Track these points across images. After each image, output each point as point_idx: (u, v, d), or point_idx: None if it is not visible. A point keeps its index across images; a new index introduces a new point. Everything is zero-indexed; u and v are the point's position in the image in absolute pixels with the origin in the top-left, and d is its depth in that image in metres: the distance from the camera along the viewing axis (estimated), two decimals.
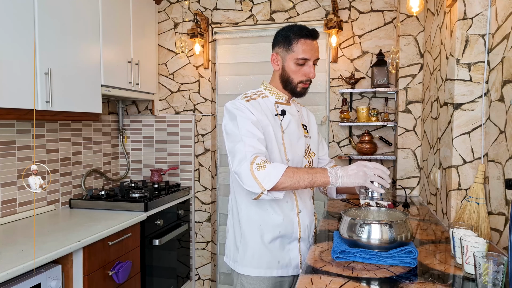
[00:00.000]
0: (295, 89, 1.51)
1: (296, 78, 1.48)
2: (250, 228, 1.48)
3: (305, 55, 1.45)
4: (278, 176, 1.29)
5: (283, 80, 1.51)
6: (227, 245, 1.60)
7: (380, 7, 2.76)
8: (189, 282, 3.12)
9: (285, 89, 1.53)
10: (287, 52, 1.47)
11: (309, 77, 1.48)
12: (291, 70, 1.48)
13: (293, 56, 1.46)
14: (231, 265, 1.56)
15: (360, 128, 2.82)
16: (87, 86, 2.29)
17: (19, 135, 2.24)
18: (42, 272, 1.63)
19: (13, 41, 1.81)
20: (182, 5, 3.12)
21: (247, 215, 1.48)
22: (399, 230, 1.24)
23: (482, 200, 1.51)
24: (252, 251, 1.47)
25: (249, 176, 1.30)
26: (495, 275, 0.95)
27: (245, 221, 1.49)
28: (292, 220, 1.48)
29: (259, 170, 1.29)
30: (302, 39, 1.45)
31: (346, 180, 1.31)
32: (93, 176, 2.89)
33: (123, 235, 2.15)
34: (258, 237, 1.46)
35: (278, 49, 1.50)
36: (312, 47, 1.46)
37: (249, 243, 1.48)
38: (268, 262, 1.46)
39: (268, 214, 1.46)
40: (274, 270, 1.47)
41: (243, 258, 1.49)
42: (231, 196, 1.58)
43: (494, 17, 1.50)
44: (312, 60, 1.47)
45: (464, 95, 1.62)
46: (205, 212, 3.15)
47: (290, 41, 1.46)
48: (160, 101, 3.22)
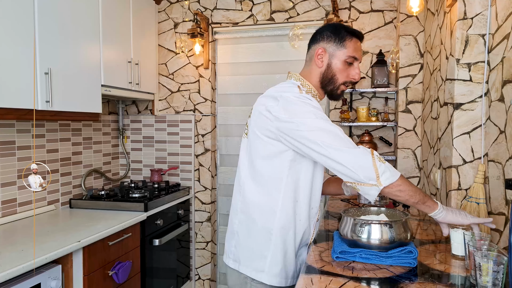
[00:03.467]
0: (335, 91, 1.42)
1: (341, 78, 1.40)
2: (283, 236, 1.36)
3: (356, 54, 1.39)
4: (396, 175, 1.21)
5: (326, 79, 1.41)
6: (243, 253, 1.42)
7: (380, 7, 2.76)
8: (189, 282, 3.12)
9: (322, 88, 1.43)
10: (338, 48, 1.38)
11: (354, 78, 1.41)
12: (338, 68, 1.39)
13: (345, 53, 1.38)
14: (249, 274, 1.39)
15: (360, 128, 2.82)
16: (87, 86, 2.29)
17: (19, 135, 2.24)
18: (42, 272, 1.63)
19: (13, 41, 1.81)
20: (182, 5, 3.12)
21: (280, 221, 1.35)
22: (399, 230, 1.24)
23: (482, 200, 1.51)
24: (283, 261, 1.37)
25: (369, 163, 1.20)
26: (495, 275, 0.95)
27: (279, 228, 1.35)
28: (311, 226, 1.44)
29: (380, 162, 1.21)
30: (355, 37, 1.40)
31: (449, 217, 1.27)
32: (93, 176, 2.89)
33: (123, 235, 2.15)
34: (289, 246, 1.38)
35: (326, 45, 1.39)
36: (360, 48, 1.42)
37: (280, 252, 1.36)
38: (293, 270, 1.41)
39: (298, 220, 1.39)
40: (295, 278, 1.41)
41: (274, 267, 1.36)
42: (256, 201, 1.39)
43: (494, 17, 1.50)
44: (359, 61, 1.42)
45: (464, 95, 1.62)
46: (205, 212, 3.15)
47: (343, 37, 1.38)
48: (160, 101, 3.22)
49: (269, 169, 1.35)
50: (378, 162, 1.21)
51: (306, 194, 1.38)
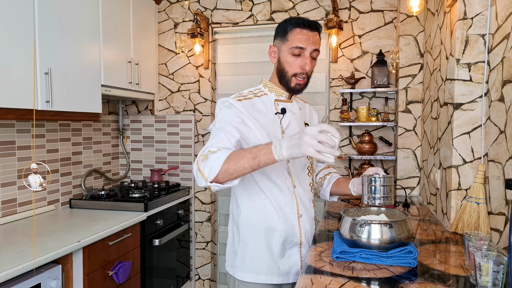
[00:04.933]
0: (289, 83, 1.42)
1: (290, 70, 1.39)
2: (250, 231, 1.43)
3: (300, 43, 1.36)
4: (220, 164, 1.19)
5: (279, 73, 1.43)
6: (227, 250, 1.54)
7: (380, 7, 2.76)
8: (189, 282, 3.12)
9: (281, 83, 1.46)
10: (283, 42, 1.41)
11: (304, 69, 1.38)
12: (286, 61, 1.40)
13: (288, 45, 1.38)
14: (229, 270, 1.50)
15: (360, 128, 2.82)
16: (87, 86, 2.29)
17: (19, 135, 2.24)
18: (42, 272, 1.63)
19: (13, 41, 1.81)
20: (182, 5, 3.12)
21: (247, 218, 1.43)
22: (399, 230, 1.24)
23: (482, 200, 1.51)
24: (251, 256, 1.42)
25: (195, 170, 1.25)
26: (495, 275, 0.95)
27: (244, 224, 1.43)
28: (293, 224, 1.43)
29: (203, 161, 1.22)
30: (298, 28, 1.38)
31: (290, 151, 1.13)
32: (93, 176, 2.89)
33: (123, 235, 2.15)
34: (258, 241, 1.42)
35: (276, 41, 1.45)
36: (308, 37, 1.38)
37: (248, 247, 1.42)
38: (268, 268, 1.41)
39: (270, 217, 1.41)
40: (274, 277, 1.41)
41: (242, 262, 1.43)
42: (232, 199, 1.53)
43: (494, 17, 1.50)
44: (308, 50, 1.37)
45: (464, 95, 1.62)
46: (205, 212, 3.15)
47: (286, 30, 1.40)
48: (160, 101, 3.22)
49: None
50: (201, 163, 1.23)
51: (271, 189, 1.42)
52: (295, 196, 1.44)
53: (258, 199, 1.42)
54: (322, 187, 1.64)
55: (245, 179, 1.42)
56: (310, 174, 1.54)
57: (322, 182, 1.64)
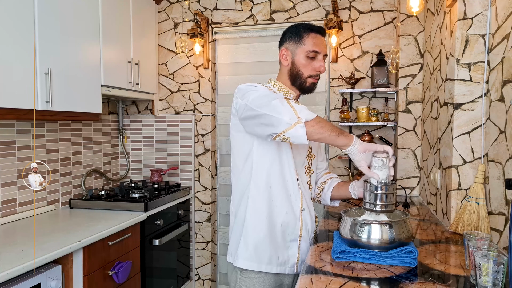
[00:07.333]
0: (304, 84, 1.50)
1: (306, 72, 1.49)
2: (255, 219, 1.45)
3: (316, 48, 1.47)
4: (313, 114, 1.24)
5: (292, 75, 1.51)
6: (230, 244, 1.56)
7: (380, 7, 2.76)
8: (189, 282, 3.12)
9: (293, 85, 1.52)
10: (297, 45, 1.49)
11: (319, 71, 1.49)
12: (301, 64, 1.48)
13: (304, 49, 1.47)
14: (231, 261, 1.51)
15: (360, 128, 2.82)
16: (87, 86, 2.29)
17: (19, 135, 2.24)
18: (42, 272, 1.63)
19: (13, 41, 1.81)
20: (182, 5, 3.12)
21: (253, 207, 1.45)
22: (399, 230, 1.24)
23: (482, 200, 1.51)
24: (254, 244, 1.44)
25: (283, 104, 1.24)
26: (495, 275, 0.95)
27: (251, 213, 1.45)
28: (296, 215, 1.47)
29: (295, 103, 1.27)
30: (313, 33, 1.48)
31: (361, 147, 1.26)
32: (93, 176, 2.89)
33: (123, 235, 2.15)
34: (262, 229, 1.44)
35: (288, 44, 1.51)
36: (321, 42, 1.49)
37: (251, 236, 1.45)
38: (269, 257, 1.44)
39: (275, 205, 1.45)
40: (274, 266, 1.45)
41: (245, 251, 1.45)
42: (235, 192, 1.54)
43: (494, 17, 1.50)
44: (322, 54, 1.49)
45: (464, 95, 1.62)
46: (205, 212, 3.15)
47: (301, 35, 1.48)
48: (160, 101, 3.22)
49: (240, 160, 1.49)
50: (293, 103, 1.27)
51: (278, 179, 1.45)
52: (300, 192, 1.50)
53: (265, 187, 1.45)
54: (323, 191, 1.66)
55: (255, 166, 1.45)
56: (307, 173, 1.59)
57: (323, 187, 1.66)
